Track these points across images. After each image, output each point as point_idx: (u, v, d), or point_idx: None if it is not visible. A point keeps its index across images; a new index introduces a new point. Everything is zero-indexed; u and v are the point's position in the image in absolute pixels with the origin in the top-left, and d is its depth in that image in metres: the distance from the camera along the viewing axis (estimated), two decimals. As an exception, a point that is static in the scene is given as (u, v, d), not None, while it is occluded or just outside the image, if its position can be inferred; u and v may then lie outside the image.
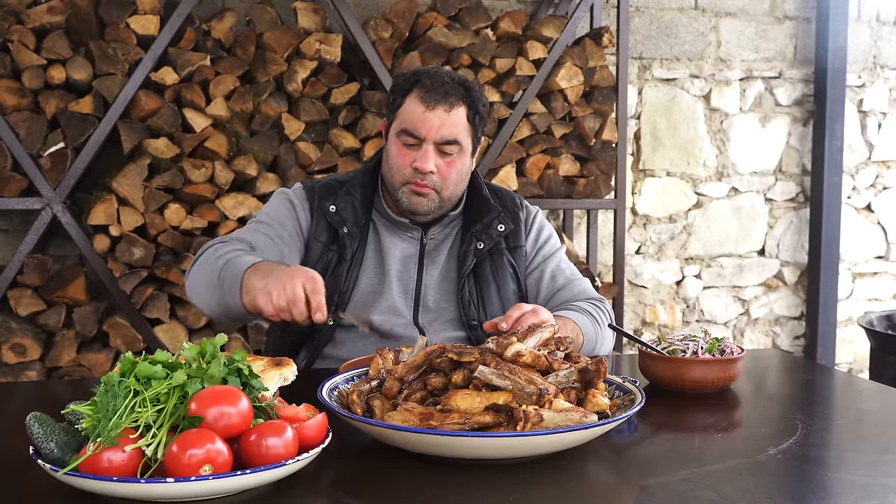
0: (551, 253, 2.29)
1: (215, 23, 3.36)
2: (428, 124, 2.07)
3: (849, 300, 4.71)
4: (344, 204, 2.16)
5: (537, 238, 2.29)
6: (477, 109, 2.14)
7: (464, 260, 2.19)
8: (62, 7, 3.17)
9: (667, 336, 1.96)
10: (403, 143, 2.11)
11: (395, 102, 2.14)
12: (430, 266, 2.21)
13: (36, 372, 3.17)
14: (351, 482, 1.34)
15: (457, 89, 2.10)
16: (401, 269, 2.19)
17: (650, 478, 1.36)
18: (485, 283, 2.19)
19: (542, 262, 2.27)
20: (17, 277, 3.19)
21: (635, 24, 4.20)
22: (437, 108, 2.07)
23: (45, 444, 1.24)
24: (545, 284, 2.25)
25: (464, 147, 2.12)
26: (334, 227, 2.16)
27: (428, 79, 2.10)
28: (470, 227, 2.21)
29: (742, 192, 4.46)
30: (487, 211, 2.22)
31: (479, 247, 2.19)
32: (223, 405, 1.22)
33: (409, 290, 2.19)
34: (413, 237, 2.22)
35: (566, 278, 2.26)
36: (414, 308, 2.18)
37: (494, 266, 2.21)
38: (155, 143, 3.25)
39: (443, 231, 2.24)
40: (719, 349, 1.88)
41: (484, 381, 1.41)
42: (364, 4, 3.82)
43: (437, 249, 2.23)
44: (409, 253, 2.21)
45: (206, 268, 2.02)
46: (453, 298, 2.19)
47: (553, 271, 2.26)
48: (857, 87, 4.58)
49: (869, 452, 1.49)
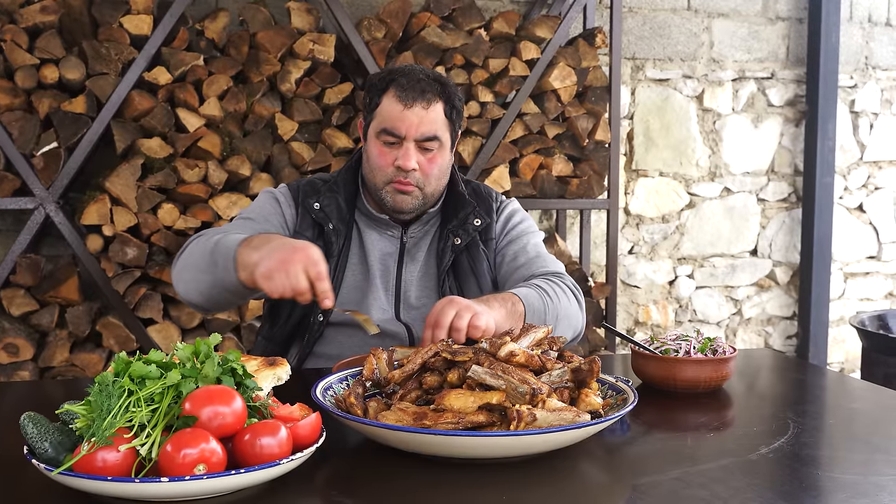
0: (518, 236, 2.28)
1: (208, 23, 3.36)
2: (407, 122, 2.09)
3: (841, 300, 4.72)
4: (328, 201, 2.18)
5: (505, 224, 2.29)
6: (453, 104, 2.16)
7: (442, 256, 2.20)
8: (55, 6, 3.16)
9: (659, 336, 1.97)
10: (384, 142, 2.12)
11: (372, 102, 2.16)
12: (409, 263, 2.23)
13: (29, 372, 3.16)
14: (345, 481, 1.34)
15: (433, 86, 2.12)
16: (381, 267, 2.21)
17: (642, 477, 1.37)
18: (464, 278, 2.20)
19: (506, 246, 2.26)
20: (10, 277, 3.18)
21: (628, 25, 4.21)
22: (415, 105, 2.09)
23: (39, 444, 1.24)
24: (506, 265, 2.24)
25: (443, 142, 2.14)
26: (319, 223, 2.17)
27: (403, 77, 2.12)
28: (447, 224, 2.23)
29: (734, 192, 4.47)
30: (462, 206, 2.23)
31: (457, 242, 2.20)
32: (217, 405, 1.22)
33: (389, 287, 2.20)
34: (393, 235, 2.23)
35: (528, 258, 2.23)
36: (395, 304, 2.19)
37: (472, 259, 2.21)
38: (148, 143, 3.24)
39: (422, 228, 2.26)
40: (711, 349, 1.89)
41: (477, 380, 1.42)
42: (357, 4, 3.83)
43: (417, 247, 2.25)
44: (389, 251, 2.23)
45: (195, 254, 1.98)
46: (435, 295, 2.20)
47: (516, 252, 2.24)
48: (849, 87, 4.60)
49: (860, 451, 1.50)
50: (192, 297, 2.02)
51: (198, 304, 2.04)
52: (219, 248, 1.89)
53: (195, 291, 1.99)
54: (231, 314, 3.34)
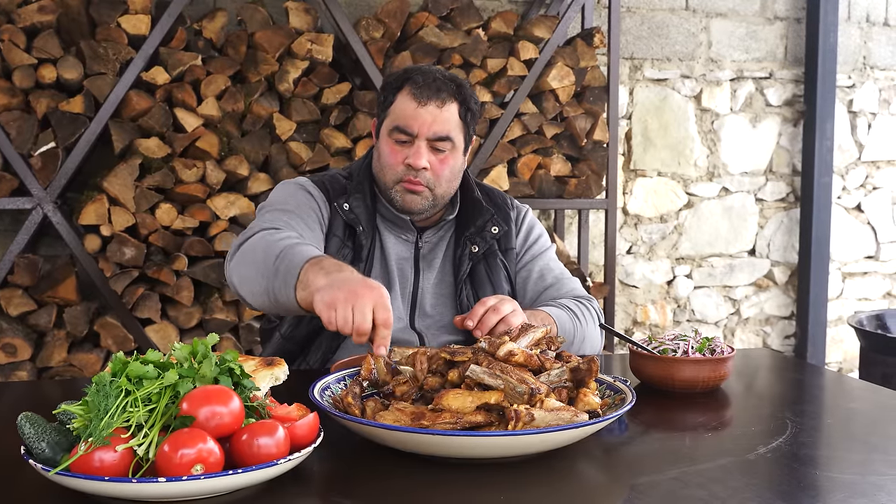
0: (540, 252, 2.27)
1: (206, 22, 3.36)
2: (420, 120, 2.05)
3: (839, 300, 4.73)
4: (356, 202, 2.13)
5: (527, 237, 2.28)
6: (469, 107, 2.12)
7: (459, 265, 2.17)
8: (53, 6, 3.16)
9: (657, 335, 1.97)
10: (396, 140, 2.09)
11: (387, 101, 2.12)
12: (426, 271, 2.19)
13: (26, 372, 3.16)
14: (343, 481, 1.34)
15: (448, 86, 2.09)
16: (400, 273, 2.17)
17: (641, 477, 1.37)
18: (480, 286, 2.17)
19: (530, 262, 2.25)
20: (8, 277, 3.18)
21: (626, 25, 4.21)
22: (429, 104, 2.06)
23: (36, 444, 1.24)
24: (532, 283, 2.23)
25: (456, 144, 2.11)
26: (349, 224, 2.11)
27: (419, 75, 2.09)
28: (463, 231, 2.19)
29: (733, 192, 4.47)
30: (480, 213, 2.19)
31: (474, 250, 2.17)
32: (215, 405, 1.22)
33: (406, 294, 2.16)
34: (408, 240, 2.19)
35: (555, 277, 2.23)
36: (410, 312, 2.16)
37: (489, 268, 2.19)
38: (146, 143, 3.24)
39: (437, 234, 2.22)
40: (710, 349, 1.89)
41: (476, 380, 1.42)
42: (355, 4, 3.82)
43: (432, 253, 2.21)
44: (405, 255, 2.18)
45: (260, 251, 1.86)
46: (451, 303, 2.17)
47: (542, 270, 2.24)
48: (847, 87, 4.60)
49: (858, 451, 1.50)
50: (245, 295, 1.92)
51: (249, 303, 1.94)
52: (284, 257, 1.78)
53: (249, 293, 1.89)
54: (229, 314, 3.34)
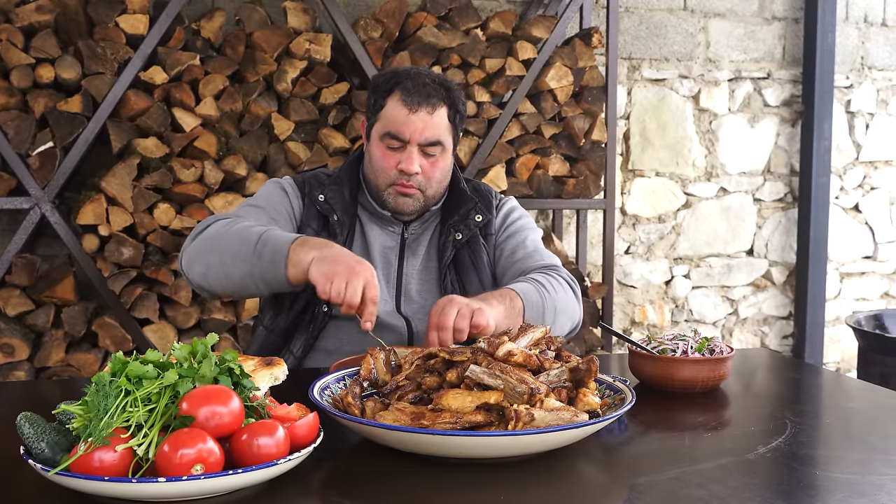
0: (516, 232, 2.29)
1: (205, 22, 3.35)
2: (412, 127, 2.10)
3: (837, 300, 4.73)
4: (333, 194, 2.19)
5: (504, 220, 2.31)
6: (457, 109, 2.17)
7: (443, 251, 2.22)
8: (51, 6, 3.15)
9: (657, 335, 1.97)
10: (388, 146, 2.13)
11: (377, 104, 2.16)
12: (410, 257, 2.24)
13: (24, 372, 3.15)
14: (342, 481, 1.34)
15: (438, 91, 2.13)
16: (383, 260, 2.22)
17: (640, 476, 1.37)
18: (465, 272, 2.22)
19: (504, 241, 2.28)
20: (6, 277, 3.17)
21: (625, 25, 4.21)
22: (420, 110, 2.10)
23: (35, 444, 1.23)
24: (504, 259, 2.26)
25: (446, 146, 2.16)
26: (324, 214, 2.18)
27: (409, 80, 2.12)
28: (448, 219, 2.24)
29: (731, 192, 4.48)
30: (464, 202, 2.24)
31: (458, 237, 2.22)
32: (214, 405, 1.22)
33: (391, 280, 2.22)
34: (394, 231, 2.25)
35: (526, 253, 2.24)
36: (396, 297, 2.21)
37: (472, 254, 2.23)
38: (144, 143, 3.24)
39: (422, 225, 2.28)
40: (709, 348, 1.89)
41: (475, 380, 1.42)
42: (354, 4, 3.82)
43: (417, 241, 2.26)
44: (389, 245, 2.24)
45: (230, 239, 1.95)
46: (435, 289, 2.22)
47: (514, 247, 2.26)
48: (845, 87, 4.60)
49: (857, 451, 1.50)
50: (212, 280, 1.99)
51: (212, 289, 2.02)
52: (266, 241, 1.89)
53: (220, 276, 1.96)
54: (227, 314, 3.34)
